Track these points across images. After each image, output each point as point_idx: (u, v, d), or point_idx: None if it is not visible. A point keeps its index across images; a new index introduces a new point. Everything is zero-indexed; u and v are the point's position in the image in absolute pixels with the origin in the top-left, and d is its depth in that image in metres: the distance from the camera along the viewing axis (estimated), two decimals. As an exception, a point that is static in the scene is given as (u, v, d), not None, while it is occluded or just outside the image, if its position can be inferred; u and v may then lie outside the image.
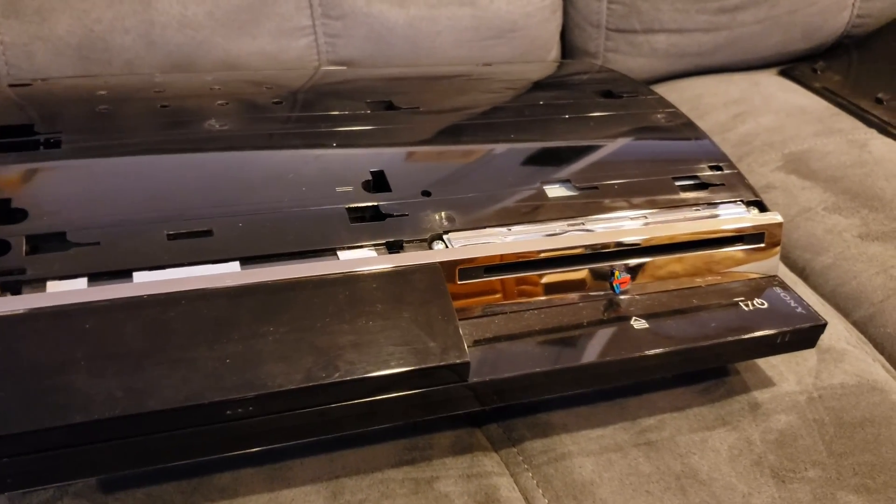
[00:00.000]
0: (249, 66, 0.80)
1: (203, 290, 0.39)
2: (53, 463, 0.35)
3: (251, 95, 0.55)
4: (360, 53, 0.85)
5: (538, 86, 0.64)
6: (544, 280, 0.46)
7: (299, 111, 0.53)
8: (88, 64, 0.74)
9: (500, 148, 0.52)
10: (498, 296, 0.45)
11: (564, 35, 0.97)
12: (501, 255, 0.44)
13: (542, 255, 0.45)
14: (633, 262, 0.47)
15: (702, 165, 0.54)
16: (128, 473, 0.42)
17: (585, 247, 0.46)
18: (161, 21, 0.75)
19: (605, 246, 0.46)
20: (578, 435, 0.47)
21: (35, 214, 0.41)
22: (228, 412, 0.36)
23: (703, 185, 0.52)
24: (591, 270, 0.47)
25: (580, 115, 0.57)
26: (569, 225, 0.47)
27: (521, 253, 0.45)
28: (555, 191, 0.49)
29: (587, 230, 0.47)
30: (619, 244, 0.47)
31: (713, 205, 0.51)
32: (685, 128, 0.58)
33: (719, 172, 0.53)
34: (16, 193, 0.42)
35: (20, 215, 0.41)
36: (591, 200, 0.49)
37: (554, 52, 0.96)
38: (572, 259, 0.46)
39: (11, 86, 0.55)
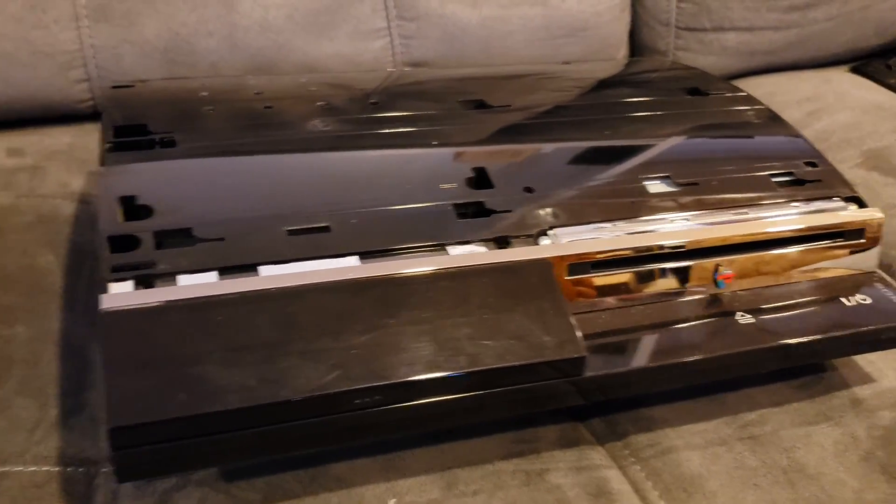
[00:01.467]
0: (327, 68, 0.81)
1: (326, 283, 0.40)
2: (185, 451, 0.36)
3: (347, 96, 0.56)
4: (434, 54, 0.86)
5: (622, 83, 0.65)
6: (649, 275, 0.46)
7: (396, 111, 0.54)
8: (174, 66, 0.76)
9: (596, 145, 0.53)
10: (604, 291, 0.45)
11: (633, 34, 0.97)
12: (608, 251, 0.45)
13: (648, 250, 0.45)
14: (735, 257, 0.47)
15: (796, 162, 0.54)
16: (248, 463, 0.43)
17: (689, 242, 0.46)
18: (243, 24, 0.77)
19: (708, 241, 0.47)
20: (682, 429, 0.47)
21: (160, 211, 0.42)
22: (356, 401, 0.37)
23: (799, 182, 0.52)
24: (695, 266, 0.47)
25: (670, 111, 0.58)
26: (671, 220, 0.47)
27: (627, 248, 0.45)
28: (655, 187, 0.50)
29: (690, 226, 0.47)
30: (723, 239, 0.47)
31: (811, 201, 0.51)
32: (775, 124, 0.58)
33: (815, 169, 0.53)
34: (139, 191, 0.43)
35: (145, 212, 0.42)
36: (691, 196, 0.49)
37: (623, 50, 0.96)
38: (676, 255, 0.46)
39: (115, 87, 0.56)
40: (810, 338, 0.45)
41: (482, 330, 0.40)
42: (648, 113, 0.57)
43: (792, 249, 0.49)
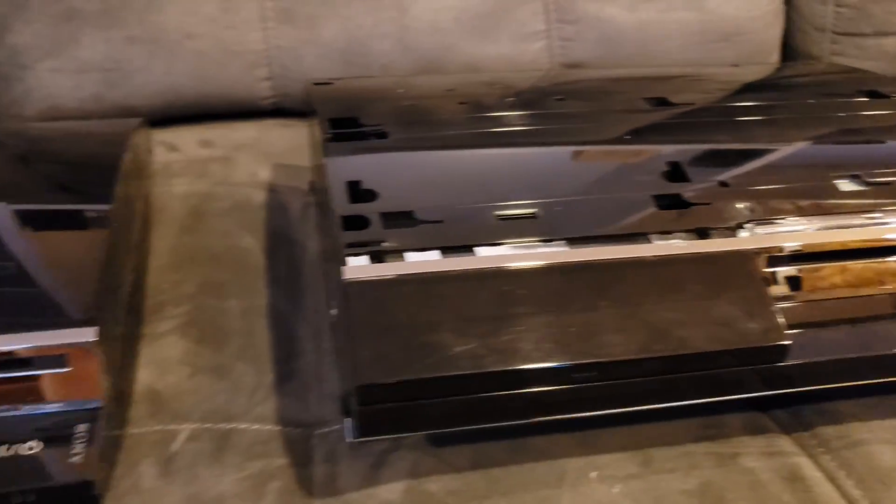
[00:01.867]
0: (489, 68, 0.85)
1: (540, 265, 0.43)
2: (418, 413, 0.40)
3: (534, 94, 0.59)
4: (590, 56, 0.88)
5: (797, 85, 0.66)
6: (846, 270, 0.47)
7: (583, 108, 0.57)
8: (349, 67, 0.81)
9: (783, 143, 0.54)
10: (802, 284, 0.47)
11: (786, 39, 0.97)
12: (808, 244, 0.46)
13: (846, 245, 0.46)
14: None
15: None
16: (456, 433, 0.46)
17: (886, 239, 0.47)
18: (414, 27, 0.81)
19: (904, 240, 0.47)
20: (871, 424, 0.48)
21: (383, 196, 0.46)
22: (574, 376, 0.40)
23: None
24: (892, 262, 0.47)
25: (853, 112, 0.58)
26: (867, 217, 0.48)
27: (825, 243, 0.46)
28: (845, 185, 0.50)
29: (889, 222, 0.48)
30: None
31: None
32: (962, 127, 0.58)
33: None
34: (363, 177, 0.47)
35: (370, 196, 0.46)
36: (883, 196, 0.50)
37: (775, 55, 0.96)
38: (873, 251, 0.47)
39: (316, 84, 0.61)
40: None
41: (688, 315, 0.42)
42: (831, 114, 0.58)
43: None
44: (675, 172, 0.50)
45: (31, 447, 0.37)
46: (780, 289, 0.46)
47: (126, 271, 0.49)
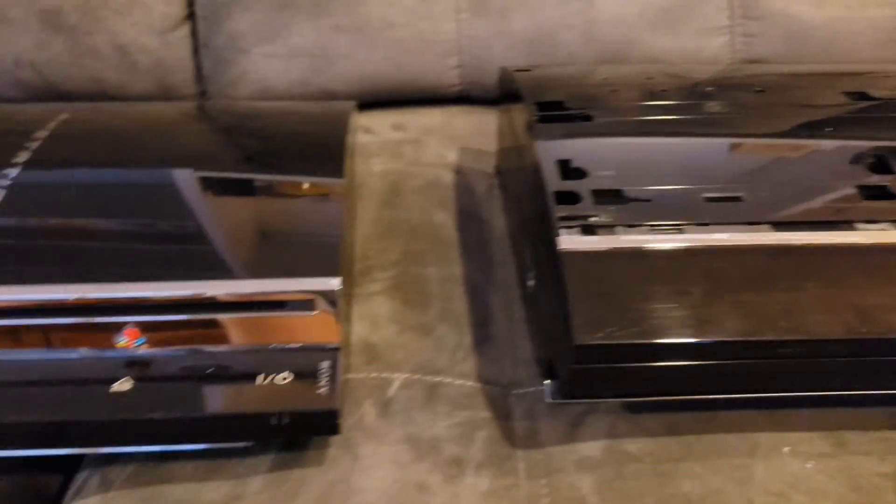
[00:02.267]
0: (670, 62, 0.86)
1: (746, 245, 0.45)
2: (625, 377, 0.43)
3: (733, 84, 0.61)
4: (773, 52, 0.88)
5: None
6: None
7: (781, 99, 0.58)
8: (535, 56, 0.84)
9: None
10: None
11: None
12: None
13: None
14: None
15: None
16: (649, 402, 0.48)
17: None
18: (600, 19, 0.84)
19: None
20: None
21: (591, 174, 0.49)
22: (779, 351, 0.42)
23: None
24: None
25: None
26: None
27: None
28: None
29: None
30: None
31: None
32: None
33: None
34: (571, 156, 0.51)
35: (579, 174, 0.49)
36: None
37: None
38: None
39: (517, 70, 0.64)
40: None
41: (894, 301, 0.43)
42: None
43: None
44: (880, 164, 0.51)
45: (285, 378, 0.43)
46: None
47: (349, 238, 0.54)
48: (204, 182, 0.52)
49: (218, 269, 0.44)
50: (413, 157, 0.77)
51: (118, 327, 0.43)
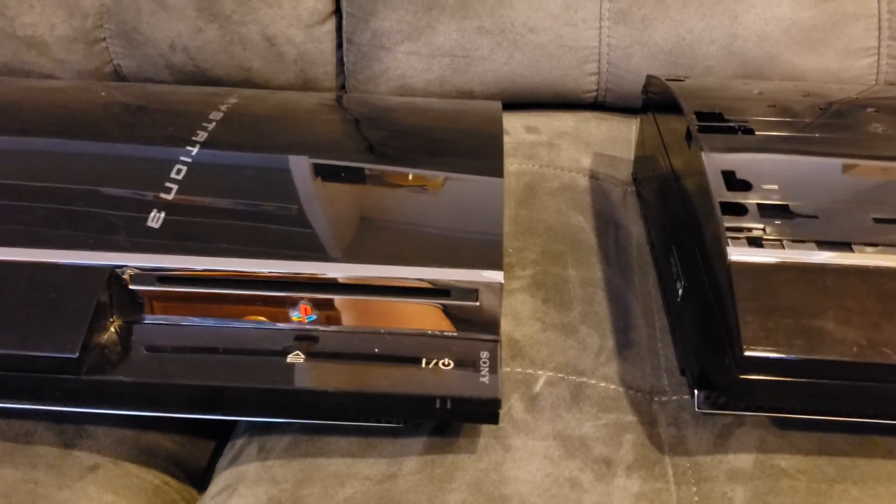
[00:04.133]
0: (810, 80, 0.85)
1: (922, 269, 0.44)
2: (789, 392, 0.42)
3: (891, 104, 0.60)
4: (919, 77, 0.86)
5: None
6: None
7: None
8: (674, 68, 0.84)
9: None
10: None
11: None
12: None
13: None
14: None
15: None
16: (800, 421, 0.48)
17: None
18: (742, 34, 0.83)
19: None
20: None
21: (757, 187, 0.49)
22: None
23: None
24: None
25: None
26: None
27: None
28: None
29: None
30: None
31: None
32: None
33: None
34: (737, 168, 0.51)
35: (744, 186, 0.49)
36: None
37: None
38: None
39: (668, 80, 0.65)
40: None
41: None
42: None
43: None
44: None
45: (447, 363, 0.44)
46: None
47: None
48: (373, 174, 0.54)
49: (388, 256, 0.46)
50: (547, 159, 0.78)
51: (294, 302, 0.45)
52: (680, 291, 0.54)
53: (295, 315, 0.45)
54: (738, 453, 0.47)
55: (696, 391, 0.48)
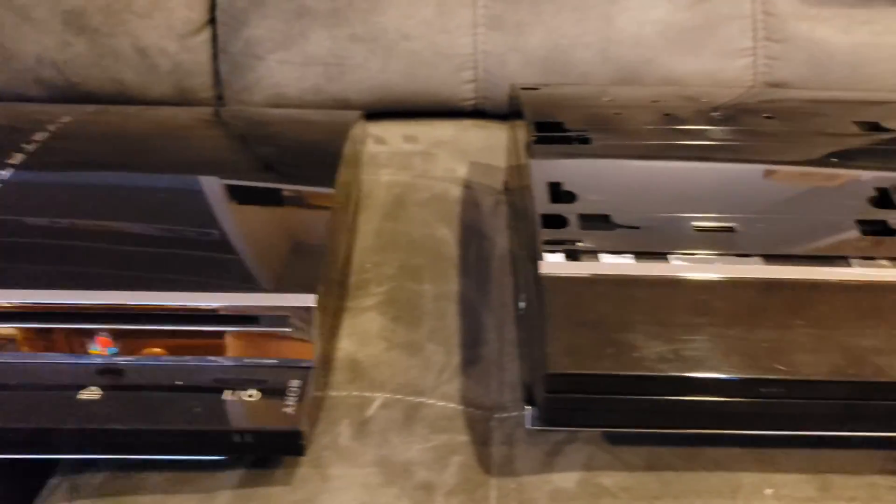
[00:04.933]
0: (688, 83, 0.84)
1: (736, 278, 0.43)
2: (603, 408, 0.41)
3: (741, 110, 0.59)
4: (795, 76, 0.86)
5: None
6: None
7: (790, 126, 0.56)
8: (550, 74, 0.83)
9: None
10: None
11: None
12: None
13: None
14: None
15: None
16: (631, 434, 0.47)
17: None
18: (618, 38, 0.82)
19: None
20: None
21: (582, 198, 0.48)
22: (762, 390, 0.40)
23: None
24: None
25: None
26: None
27: None
28: None
29: None
30: None
31: None
32: None
33: None
34: (564, 178, 0.49)
35: (569, 197, 0.48)
36: None
37: None
38: None
39: (523, 88, 0.64)
40: None
41: (888, 343, 0.41)
42: None
43: None
44: (883, 199, 0.49)
45: (251, 395, 0.42)
46: None
47: (340, 250, 0.54)
48: (189, 189, 0.52)
49: (194, 281, 0.44)
50: (422, 169, 0.77)
51: (91, 334, 0.43)
52: (520, 304, 0.53)
53: (93, 348, 0.43)
54: (564, 472, 0.46)
55: (526, 407, 0.47)
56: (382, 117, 0.86)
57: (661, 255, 0.45)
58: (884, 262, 0.45)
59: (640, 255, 0.45)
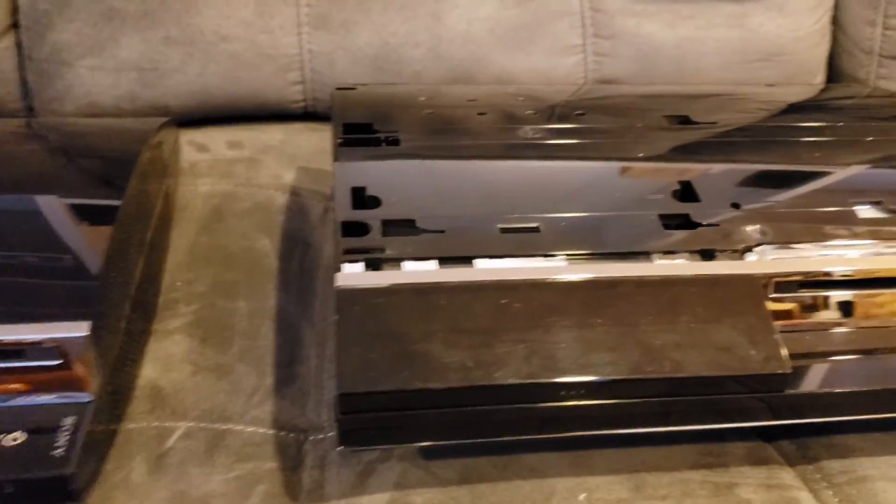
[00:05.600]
0: (521, 81, 0.84)
1: (537, 280, 0.42)
2: (404, 424, 0.39)
3: (555, 108, 0.58)
4: (625, 72, 0.87)
5: (830, 108, 0.64)
6: (859, 300, 0.45)
7: (602, 123, 0.56)
8: (381, 73, 0.81)
9: (803, 167, 0.52)
10: (810, 312, 0.45)
11: (832, 60, 0.94)
12: (817, 272, 0.44)
13: (861, 274, 0.45)
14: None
15: None
16: (445, 447, 0.45)
17: (902, 270, 0.45)
18: (448, 36, 0.81)
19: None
20: (878, 460, 0.46)
21: (387, 203, 0.46)
22: (562, 393, 0.39)
23: None
24: (907, 295, 0.46)
25: (883, 138, 0.56)
26: (884, 246, 0.46)
27: (836, 270, 0.45)
28: (865, 212, 0.49)
29: (904, 254, 0.46)
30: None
31: None
32: None
33: None
34: (369, 183, 0.47)
35: (374, 202, 0.46)
36: (905, 225, 0.48)
37: (820, 77, 0.94)
38: (887, 281, 0.45)
39: (339, 89, 0.61)
40: None
41: (688, 338, 0.41)
42: (858, 138, 0.56)
43: None
44: (686, 192, 0.49)
45: (16, 438, 0.38)
46: (786, 316, 0.45)
47: (135, 268, 0.50)
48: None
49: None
50: (245, 177, 0.73)
51: None
52: (335, 317, 0.50)
53: None
54: (375, 493, 0.43)
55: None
56: (206, 123, 0.82)
57: (466, 260, 0.43)
58: (685, 255, 0.45)
59: (445, 260, 0.43)
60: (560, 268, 0.43)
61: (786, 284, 0.44)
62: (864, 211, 0.49)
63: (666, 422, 0.42)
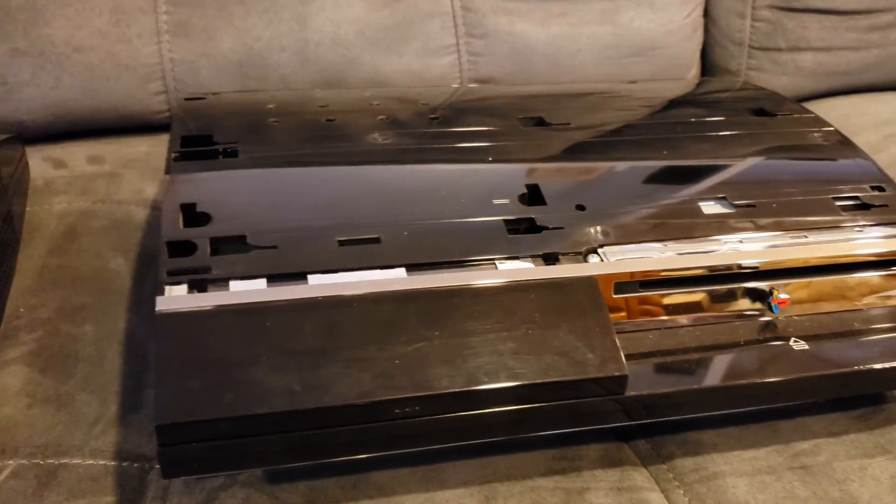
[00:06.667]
0: (395, 83, 0.83)
1: (373, 293, 0.41)
2: (228, 451, 0.37)
3: (410, 111, 0.57)
4: (501, 71, 0.86)
5: (687, 103, 0.64)
6: (700, 297, 0.45)
7: (454, 126, 0.55)
8: (247, 80, 0.78)
9: (652, 164, 0.52)
10: (652, 311, 0.45)
11: (705, 53, 0.96)
12: (658, 270, 0.44)
13: (699, 271, 0.45)
14: (792, 281, 0.46)
15: (863, 186, 0.52)
16: (292, 468, 0.44)
17: (743, 265, 0.45)
18: (315, 39, 0.79)
19: (763, 264, 0.46)
20: (730, 455, 0.46)
21: (218, 218, 0.44)
22: (397, 411, 0.38)
23: (864, 206, 0.51)
24: (749, 289, 0.46)
25: (733, 132, 0.57)
26: (725, 242, 0.47)
27: (678, 268, 0.45)
28: (710, 208, 0.49)
29: (745, 248, 0.46)
30: (775, 263, 0.46)
31: (876, 226, 0.49)
32: (843, 147, 0.56)
33: (882, 193, 0.52)
34: (200, 199, 0.45)
35: (204, 219, 0.44)
36: (748, 218, 0.48)
37: (694, 70, 0.95)
38: (729, 276, 0.46)
39: (187, 99, 0.59)
40: (866, 367, 0.44)
41: (526, 345, 0.40)
42: (710, 133, 0.57)
43: (854, 275, 0.48)
44: (533, 195, 0.48)
45: None
46: (628, 317, 0.44)
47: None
48: None
49: None
50: (104, 193, 0.70)
51: None
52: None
53: None
54: (216, 523, 0.41)
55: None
56: (67, 138, 0.78)
57: (300, 276, 0.41)
58: (528, 260, 0.44)
59: (276, 277, 0.41)
60: (399, 279, 0.42)
61: (626, 285, 0.44)
62: (709, 207, 0.49)
63: (519, 429, 0.41)
